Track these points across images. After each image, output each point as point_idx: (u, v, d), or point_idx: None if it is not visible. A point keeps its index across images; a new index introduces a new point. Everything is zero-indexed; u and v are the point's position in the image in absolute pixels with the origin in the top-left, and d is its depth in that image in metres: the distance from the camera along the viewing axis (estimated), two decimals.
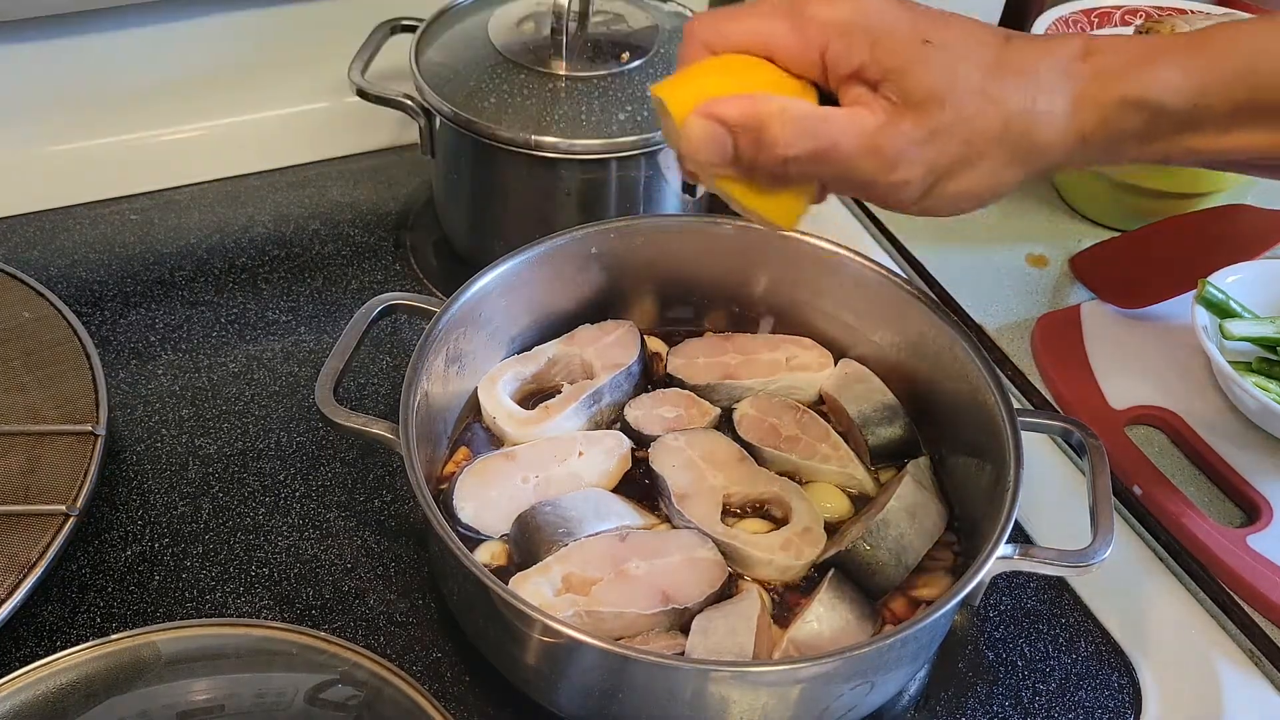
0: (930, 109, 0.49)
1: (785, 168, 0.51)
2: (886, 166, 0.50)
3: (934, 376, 0.72)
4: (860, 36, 0.50)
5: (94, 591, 0.69)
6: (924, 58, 0.49)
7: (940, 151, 0.50)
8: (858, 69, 0.50)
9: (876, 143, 0.50)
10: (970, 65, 0.50)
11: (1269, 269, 0.87)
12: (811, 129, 0.50)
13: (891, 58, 0.50)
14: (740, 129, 0.51)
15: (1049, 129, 0.50)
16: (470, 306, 0.71)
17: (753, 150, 0.51)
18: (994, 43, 0.51)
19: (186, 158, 1.00)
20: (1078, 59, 0.50)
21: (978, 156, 0.51)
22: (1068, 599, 0.72)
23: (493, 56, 0.84)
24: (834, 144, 0.50)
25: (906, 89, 0.49)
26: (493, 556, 0.66)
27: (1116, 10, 1.03)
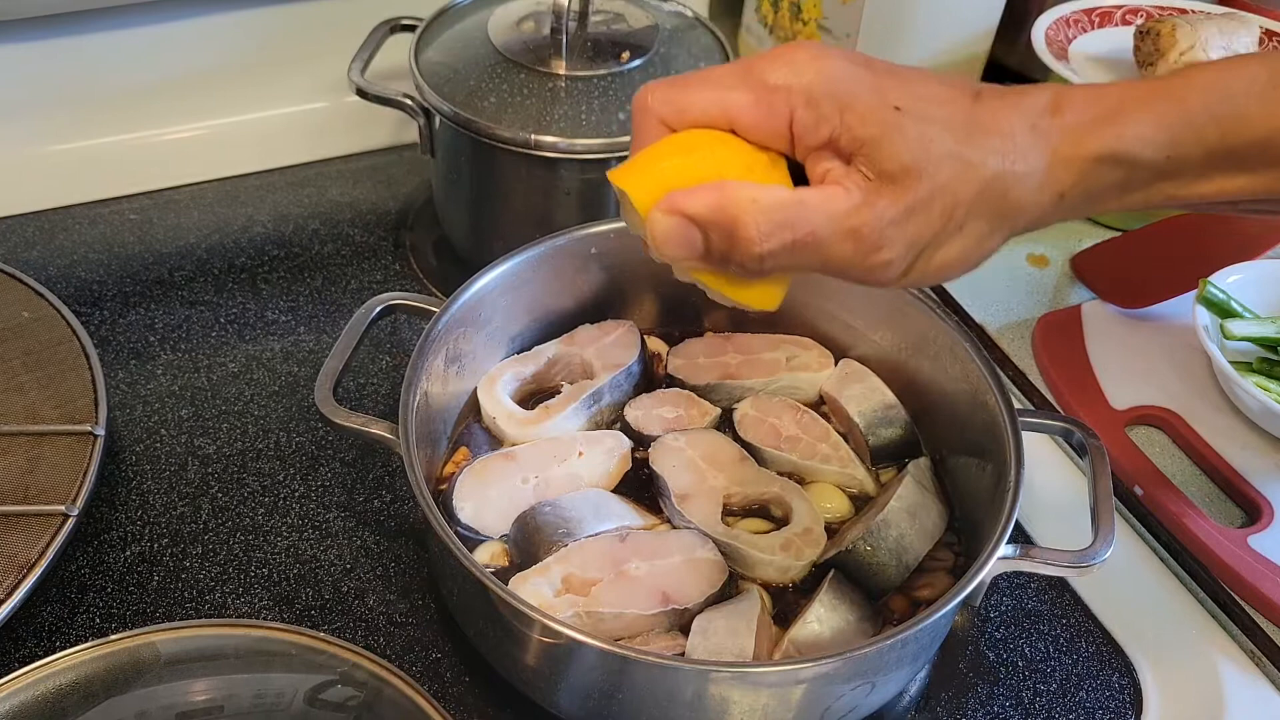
0: (907, 182, 0.47)
1: (761, 263, 0.48)
2: (867, 249, 0.47)
3: (934, 376, 0.72)
4: (828, 104, 0.47)
5: (93, 592, 0.69)
6: (897, 126, 0.47)
7: (920, 226, 0.48)
8: (828, 140, 0.48)
9: (854, 225, 0.47)
10: (942, 129, 0.47)
11: (1270, 269, 0.87)
12: (787, 219, 0.47)
13: (863, 127, 0.47)
14: (710, 224, 0.47)
15: (1026, 190, 0.49)
16: (470, 306, 0.71)
17: (725, 246, 0.48)
18: (963, 101, 0.49)
19: (186, 157, 1.00)
20: (1046, 114, 0.49)
21: (957, 226, 0.49)
22: (1068, 599, 0.72)
23: (492, 56, 0.84)
24: (812, 233, 0.47)
25: (881, 162, 0.47)
26: (492, 557, 0.66)
27: (1117, 10, 1.03)
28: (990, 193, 0.48)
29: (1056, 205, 0.50)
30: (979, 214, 0.49)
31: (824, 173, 0.48)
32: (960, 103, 0.48)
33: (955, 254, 0.50)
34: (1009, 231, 0.50)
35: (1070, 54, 0.99)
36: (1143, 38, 0.94)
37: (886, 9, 0.99)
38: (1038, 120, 0.48)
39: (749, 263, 0.48)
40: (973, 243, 0.50)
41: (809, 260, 0.48)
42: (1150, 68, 0.93)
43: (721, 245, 0.48)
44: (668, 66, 0.85)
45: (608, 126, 0.81)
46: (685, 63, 0.86)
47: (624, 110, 0.82)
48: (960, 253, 0.50)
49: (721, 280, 0.51)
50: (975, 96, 0.49)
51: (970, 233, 0.49)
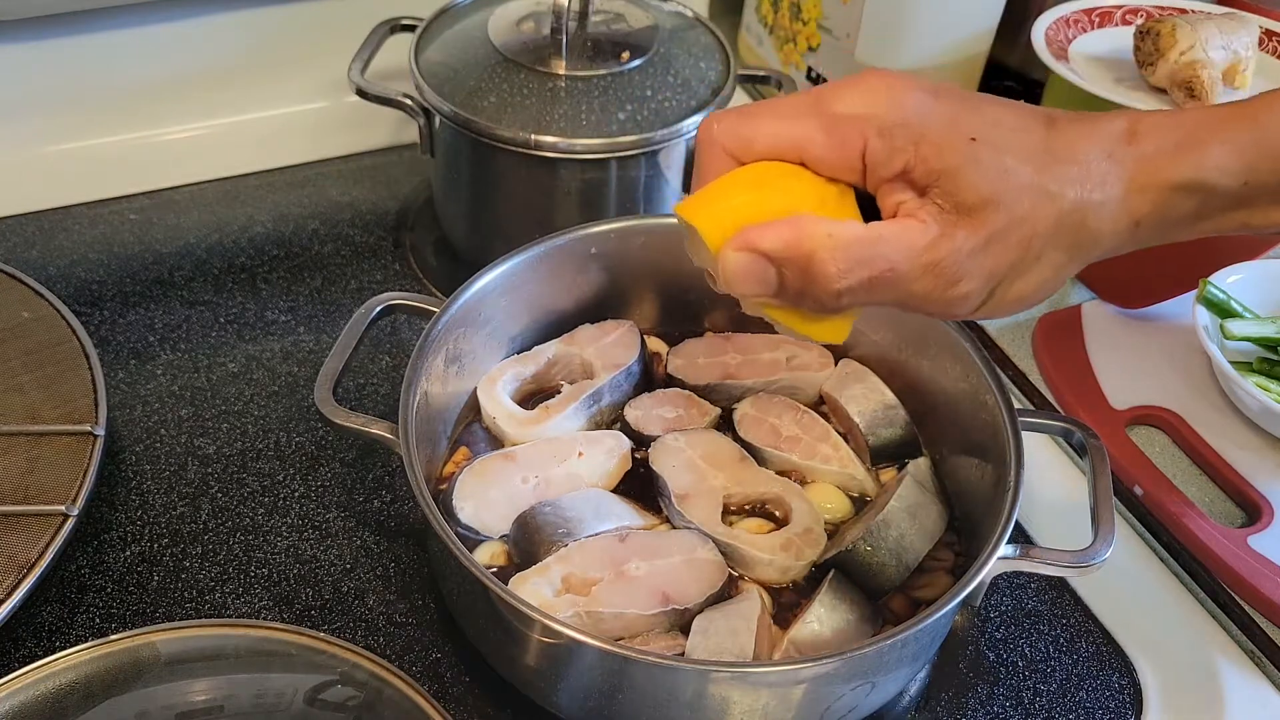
0: (985, 215, 0.46)
1: (838, 300, 0.47)
2: (945, 282, 0.47)
3: (934, 377, 0.72)
4: (901, 135, 0.47)
5: (93, 592, 0.69)
6: (974, 157, 0.46)
7: (998, 258, 0.47)
8: (901, 171, 0.47)
9: (932, 259, 0.46)
10: (1018, 159, 0.47)
11: (1270, 269, 0.87)
12: (865, 256, 0.46)
13: (939, 159, 0.46)
14: (785, 262, 0.47)
15: (1103, 219, 0.48)
16: (470, 306, 0.71)
17: (801, 283, 0.47)
18: (1037, 129, 0.48)
19: (185, 157, 1.00)
20: (1122, 141, 0.48)
21: (1035, 257, 0.48)
22: (1068, 599, 0.72)
23: (492, 56, 0.84)
24: (890, 269, 0.46)
25: (958, 194, 0.46)
26: (492, 557, 0.66)
27: (1117, 10, 1.03)
28: (1068, 223, 0.48)
29: (1132, 234, 0.49)
30: (1057, 244, 0.48)
31: (897, 205, 0.47)
32: (1035, 131, 0.48)
33: (1033, 285, 0.49)
34: (1085, 260, 0.50)
35: (1070, 54, 0.99)
36: (1143, 38, 0.94)
37: (886, 9, 0.99)
38: (1114, 148, 0.48)
39: (826, 299, 0.47)
40: (1050, 273, 0.49)
41: (887, 295, 0.48)
42: (1150, 67, 0.93)
43: (797, 282, 0.47)
44: (668, 66, 0.85)
45: (608, 126, 0.81)
46: (685, 62, 0.86)
47: (624, 110, 0.82)
48: (1038, 283, 0.49)
49: (793, 315, 0.50)
50: (1049, 123, 0.48)
51: (1048, 263, 0.49)
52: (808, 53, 1.07)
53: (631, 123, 0.81)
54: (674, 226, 0.78)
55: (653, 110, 0.82)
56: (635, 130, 0.81)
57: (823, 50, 1.05)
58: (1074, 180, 0.47)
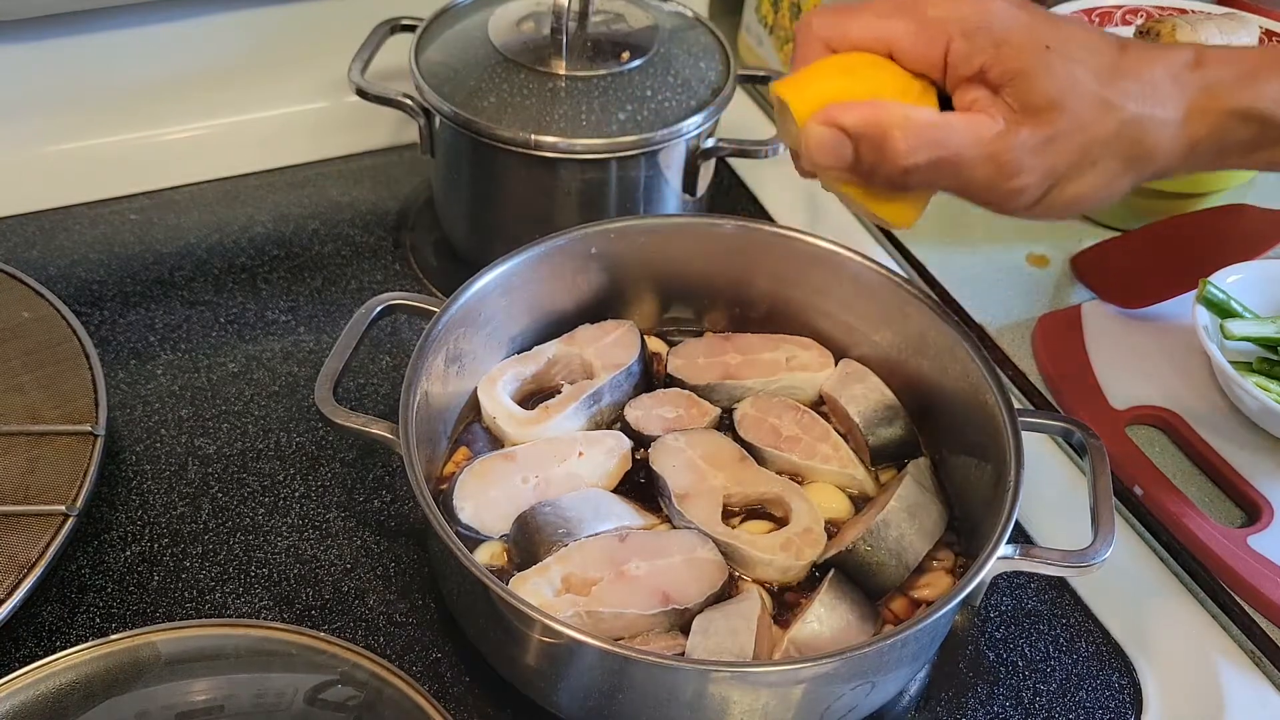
0: (1049, 115, 0.50)
1: (906, 177, 0.52)
2: (1005, 174, 0.51)
3: (934, 377, 0.72)
4: (983, 37, 0.51)
5: (93, 592, 0.69)
6: (1046, 64, 0.50)
7: (1057, 158, 0.51)
8: (979, 70, 0.51)
9: (995, 150, 0.51)
10: (1088, 71, 0.51)
11: (1270, 269, 0.87)
12: (934, 138, 0.51)
13: (1015, 61, 0.50)
14: (862, 137, 0.51)
15: (1161, 136, 0.52)
16: (470, 306, 0.71)
17: (874, 159, 0.51)
18: (1110, 49, 0.52)
19: (186, 157, 1.00)
20: (1189, 68, 0.52)
21: (1092, 162, 0.52)
22: (1068, 599, 0.72)
23: (492, 56, 0.84)
24: (956, 153, 0.51)
25: (1028, 95, 0.50)
26: (493, 557, 0.66)
27: (1117, 10, 1.03)
28: (1126, 134, 0.51)
29: (1188, 154, 0.53)
30: (1113, 153, 0.52)
31: (971, 101, 0.52)
32: (1107, 50, 0.52)
33: (1087, 188, 0.53)
34: (1139, 174, 0.53)
35: None
36: (1143, 38, 0.94)
37: None
38: (1180, 73, 0.52)
39: (894, 175, 0.52)
40: (1104, 180, 0.53)
41: (949, 179, 0.52)
42: None
43: (870, 157, 0.52)
44: (668, 66, 0.85)
45: (608, 126, 0.81)
46: (685, 63, 0.86)
47: (624, 110, 0.82)
48: (1091, 187, 0.53)
49: (864, 194, 0.54)
50: (1121, 47, 0.52)
51: (1103, 170, 0.52)
52: None
53: (631, 123, 0.81)
54: (674, 226, 0.79)
55: (653, 110, 0.82)
56: (635, 130, 0.81)
57: None
58: (1136, 96, 0.51)
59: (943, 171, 0.52)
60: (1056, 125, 0.50)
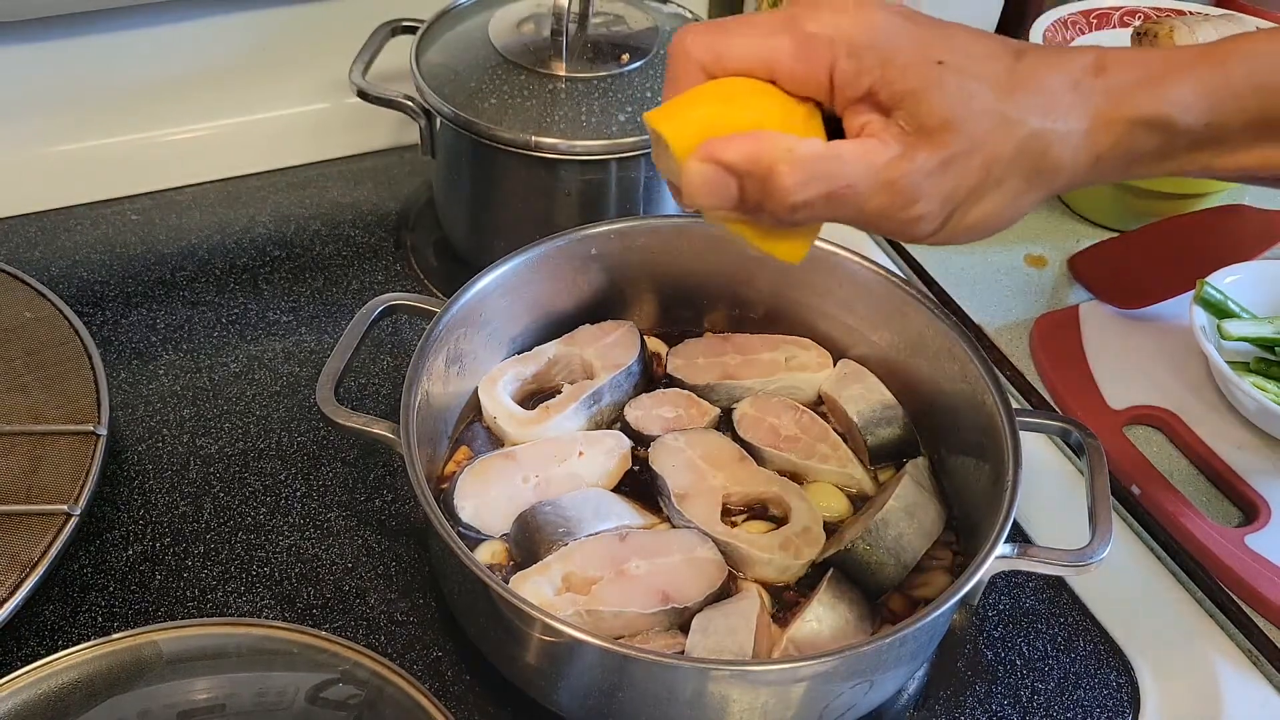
0: (945, 137, 0.47)
1: (794, 214, 0.48)
2: (902, 202, 0.48)
3: (933, 377, 0.72)
4: (869, 56, 0.47)
5: (95, 591, 0.69)
6: (938, 81, 0.47)
7: (957, 182, 0.48)
8: (867, 92, 0.48)
9: (890, 178, 0.47)
10: (983, 85, 0.47)
11: (1267, 269, 0.87)
12: (823, 171, 0.47)
13: (903, 81, 0.47)
14: (745, 174, 0.47)
15: (1064, 149, 0.48)
16: (471, 307, 0.71)
17: (759, 196, 0.48)
18: (1006, 58, 0.48)
19: (187, 158, 1.00)
20: (1089, 73, 0.48)
21: (994, 182, 0.48)
22: (1066, 598, 0.72)
23: (493, 57, 0.85)
24: (848, 185, 0.47)
25: (920, 116, 0.47)
26: (493, 556, 0.66)
27: (1115, 11, 1.03)
28: (1028, 150, 0.48)
29: (1093, 166, 0.49)
30: (1016, 171, 0.48)
31: (861, 125, 0.48)
32: (1003, 59, 0.48)
33: (991, 210, 0.49)
34: (1045, 190, 0.50)
35: None
36: (1140, 39, 0.94)
37: None
38: (1080, 79, 0.48)
39: (782, 213, 0.48)
40: (1008, 200, 0.49)
41: (845, 212, 0.48)
42: None
43: (756, 195, 0.48)
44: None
45: (608, 128, 0.81)
46: None
47: (624, 111, 0.82)
48: (995, 209, 0.49)
49: (753, 232, 0.51)
50: (1018, 54, 0.49)
51: (1007, 190, 0.49)
52: None
53: (631, 124, 0.82)
54: (674, 226, 0.79)
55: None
56: (635, 132, 0.81)
57: None
58: (1037, 109, 0.48)
59: (835, 205, 0.48)
60: (953, 146, 0.47)
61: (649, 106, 0.83)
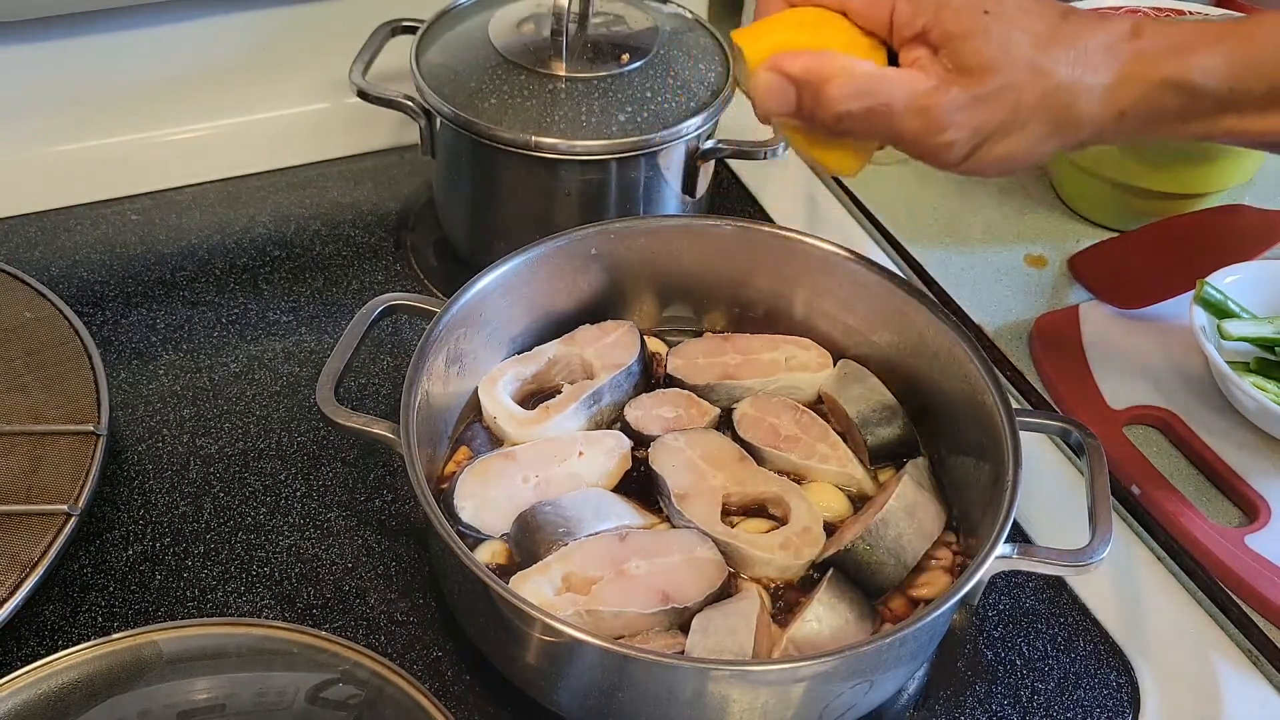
0: (981, 76, 0.53)
1: (840, 123, 0.55)
2: (934, 128, 0.54)
3: (933, 377, 0.72)
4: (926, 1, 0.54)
5: (95, 591, 0.69)
6: (983, 27, 0.53)
7: (986, 117, 0.54)
8: (921, 31, 0.54)
9: (925, 105, 0.53)
10: (1023, 35, 0.53)
11: (1267, 269, 0.87)
12: (867, 88, 0.54)
13: (953, 24, 0.53)
14: (803, 84, 0.55)
15: (1089, 102, 0.54)
16: (471, 307, 0.71)
17: (811, 104, 0.55)
18: (1050, 16, 0.54)
19: (187, 158, 1.00)
20: (1125, 38, 0.54)
21: (1020, 124, 0.54)
22: (1066, 598, 0.72)
23: (493, 58, 0.84)
24: (887, 104, 0.54)
25: (962, 56, 0.53)
26: (493, 556, 0.66)
27: (1115, 11, 1.03)
28: (1056, 98, 0.54)
29: (1117, 122, 0.54)
30: (1042, 116, 0.54)
31: (913, 60, 0.55)
32: (1047, 17, 0.54)
33: (1015, 148, 0.55)
34: (1067, 139, 0.55)
35: None
36: None
37: None
38: (1115, 42, 0.54)
39: (829, 121, 0.55)
40: (1031, 142, 0.55)
41: (881, 128, 0.55)
42: None
43: (810, 103, 0.55)
44: (667, 68, 0.85)
45: (608, 128, 0.81)
46: (685, 64, 0.86)
47: (624, 112, 0.82)
48: (1019, 148, 0.55)
49: (808, 140, 0.59)
50: (1064, 15, 0.55)
51: (1031, 132, 0.55)
52: None
53: (631, 124, 0.82)
54: (674, 226, 0.79)
55: (652, 112, 0.83)
56: (635, 132, 0.81)
57: None
58: (1068, 61, 0.53)
59: (875, 121, 0.54)
60: (987, 85, 0.53)
61: (649, 106, 0.83)
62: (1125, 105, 0.54)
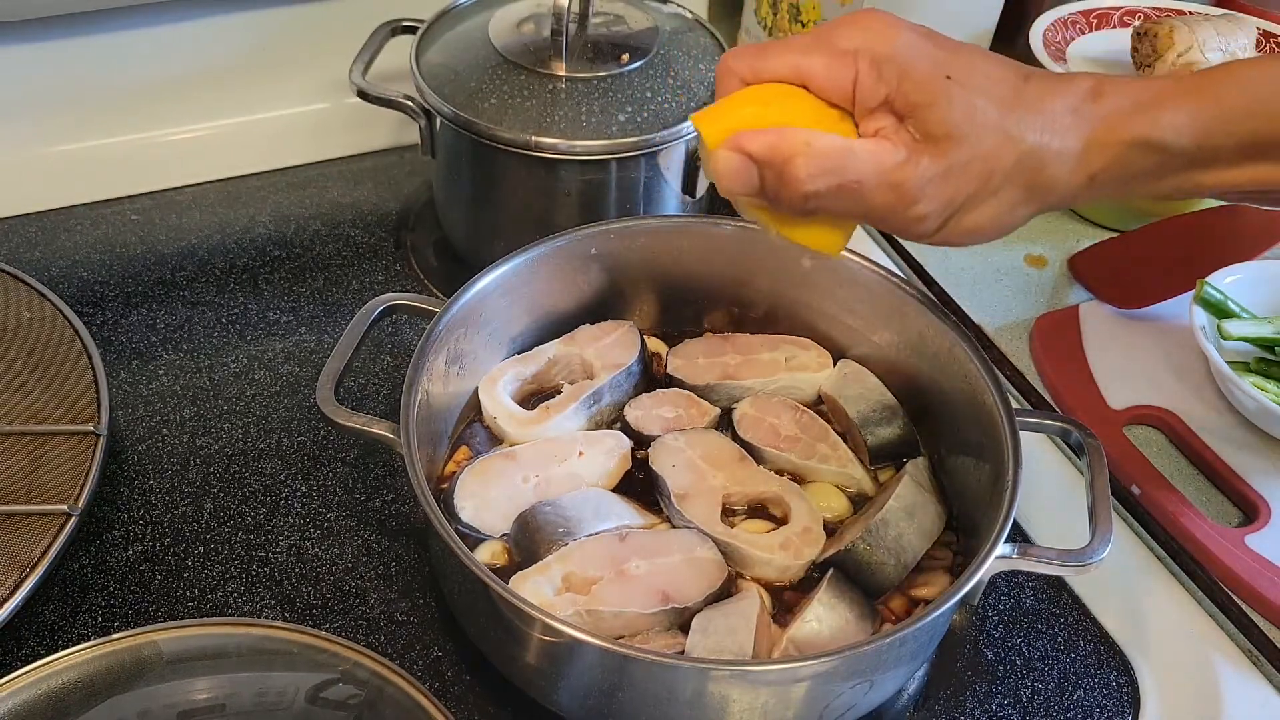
0: (949, 145, 0.51)
1: (806, 202, 0.53)
2: (905, 201, 0.52)
3: (933, 377, 0.72)
4: (889, 68, 0.52)
5: (95, 591, 0.69)
6: (946, 94, 0.51)
7: (957, 187, 0.52)
8: (885, 100, 0.52)
9: (896, 178, 0.51)
10: (989, 102, 0.52)
11: (1267, 269, 0.87)
12: (834, 165, 0.52)
13: (916, 93, 0.51)
14: (765, 163, 0.52)
15: (1060, 167, 0.52)
16: (471, 307, 0.71)
17: (776, 184, 0.52)
18: (1012, 80, 0.53)
19: (187, 158, 1.00)
20: (1088, 99, 0.52)
21: (992, 192, 0.53)
22: (1066, 598, 0.73)
23: (493, 57, 0.85)
24: (857, 180, 0.52)
25: (928, 125, 0.51)
26: (493, 556, 0.66)
27: (1115, 11, 1.03)
28: (1026, 164, 0.52)
29: (1089, 185, 0.53)
30: (1013, 183, 0.52)
31: (877, 129, 0.53)
32: (1010, 81, 0.53)
33: (988, 217, 0.53)
34: (1040, 204, 0.54)
35: (1068, 55, 0.99)
36: (1140, 39, 0.94)
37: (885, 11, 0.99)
38: (1079, 104, 0.52)
39: (796, 201, 0.53)
40: (1004, 209, 0.53)
41: (851, 206, 0.53)
42: (1148, 69, 0.93)
43: (774, 183, 0.53)
44: (667, 68, 0.85)
45: (608, 128, 0.81)
46: (685, 64, 0.86)
47: (624, 112, 0.82)
48: (992, 216, 0.54)
49: (777, 220, 0.56)
50: (1025, 78, 0.53)
51: (1004, 199, 0.53)
52: None
53: (631, 124, 0.82)
54: (674, 226, 0.79)
55: (652, 112, 0.83)
56: (635, 132, 0.81)
57: None
58: (1036, 127, 0.52)
59: (844, 198, 0.52)
60: (956, 155, 0.51)
61: (649, 106, 0.83)
62: (1097, 168, 0.53)
